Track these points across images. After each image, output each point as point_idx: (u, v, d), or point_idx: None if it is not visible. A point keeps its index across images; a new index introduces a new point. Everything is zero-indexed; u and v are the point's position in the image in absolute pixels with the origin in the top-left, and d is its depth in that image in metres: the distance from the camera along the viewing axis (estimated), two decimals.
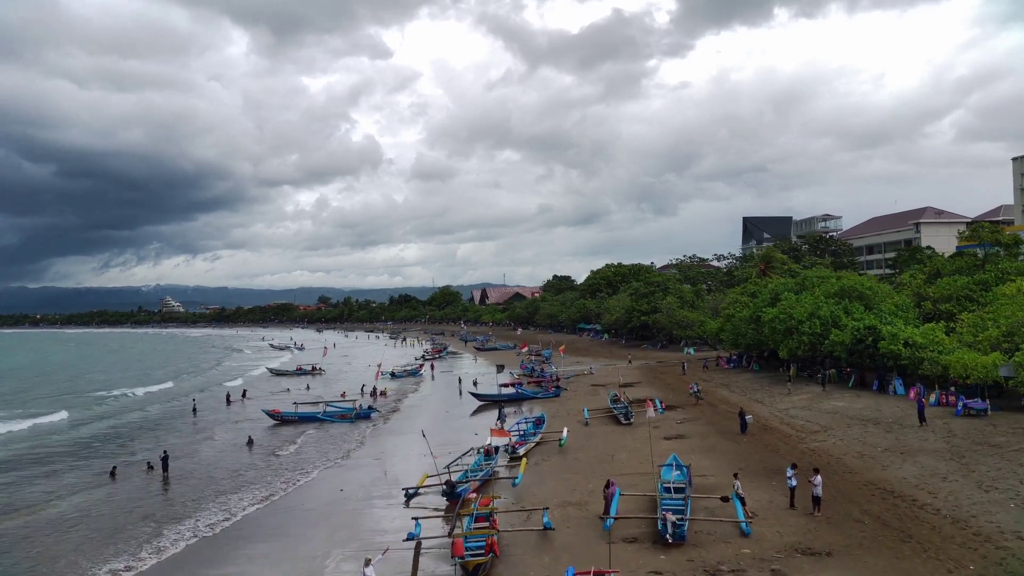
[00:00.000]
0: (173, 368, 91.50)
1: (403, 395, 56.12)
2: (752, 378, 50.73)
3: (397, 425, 42.46)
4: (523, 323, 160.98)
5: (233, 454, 34.95)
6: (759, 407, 39.04)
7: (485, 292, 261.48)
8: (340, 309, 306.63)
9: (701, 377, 54.03)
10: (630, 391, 48.57)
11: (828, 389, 41.13)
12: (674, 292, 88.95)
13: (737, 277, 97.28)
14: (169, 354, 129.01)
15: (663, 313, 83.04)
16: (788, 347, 45.51)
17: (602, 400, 45.56)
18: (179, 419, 47.26)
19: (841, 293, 47.19)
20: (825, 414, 34.70)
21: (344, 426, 42.05)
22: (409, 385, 63.87)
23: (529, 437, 32.89)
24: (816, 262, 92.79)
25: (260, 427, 42.59)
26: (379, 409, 46.16)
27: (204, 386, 68.07)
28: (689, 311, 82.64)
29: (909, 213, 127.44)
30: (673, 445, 30.29)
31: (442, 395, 56.80)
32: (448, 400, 53.08)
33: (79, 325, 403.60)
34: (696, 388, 44.63)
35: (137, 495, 27.57)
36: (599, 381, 57.00)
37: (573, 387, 53.79)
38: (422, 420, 43.86)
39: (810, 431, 31.48)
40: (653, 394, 47.90)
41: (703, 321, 78.99)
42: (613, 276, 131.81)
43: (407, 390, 59.89)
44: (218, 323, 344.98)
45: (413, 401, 53.31)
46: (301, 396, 57.17)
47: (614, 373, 62.32)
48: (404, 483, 26.66)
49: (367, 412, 44.58)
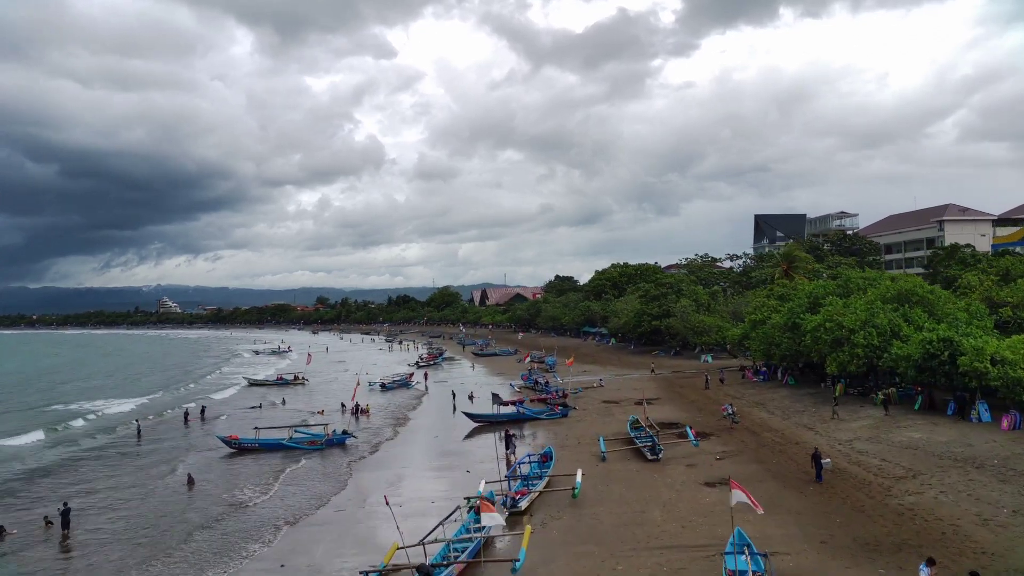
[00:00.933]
0: (161, 377, 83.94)
1: (393, 413, 49.21)
2: (789, 395, 43.88)
3: (384, 457, 35.35)
4: (524, 326, 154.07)
5: (167, 500, 28.09)
6: (811, 436, 32.20)
7: (485, 293, 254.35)
8: (338, 310, 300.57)
9: (729, 393, 47.18)
10: (650, 409, 41.80)
11: (892, 413, 34.23)
12: (688, 294, 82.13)
13: (755, 278, 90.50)
14: (160, 359, 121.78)
15: (677, 317, 76.22)
16: (838, 361, 38.62)
17: (618, 423, 38.72)
18: (124, 447, 40.29)
19: (899, 298, 40.32)
20: (903, 450, 27.85)
21: (314, 456, 35.23)
22: (400, 399, 57.01)
23: (533, 483, 25.98)
24: (840, 261, 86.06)
25: (212, 457, 35.78)
26: (355, 434, 39.04)
27: (190, 397, 61.20)
28: (705, 315, 75.84)
29: (931, 211, 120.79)
30: (720, 496, 23.47)
31: (437, 411, 49.95)
32: (440, 420, 46.19)
33: (76, 326, 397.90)
34: (731, 410, 37.82)
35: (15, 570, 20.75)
36: (611, 396, 50.14)
37: (582, 403, 46.95)
38: (411, 447, 37.21)
39: (894, 476, 24.62)
40: (677, 414, 41.13)
41: (721, 326, 72.21)
42: (619, 277, 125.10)
43: (399, 405, 53.02)
44: (215, 324, 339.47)
45: (404, 420, 46.37)
46: (273, 414, 50.43)
47: (627, 386, 55.50)
48: (381, 544, 19.89)
49: (341, 438, 37.66)
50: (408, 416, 47.81)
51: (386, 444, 38.19)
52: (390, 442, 38.87)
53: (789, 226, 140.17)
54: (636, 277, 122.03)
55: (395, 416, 47.59)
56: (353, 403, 48.04)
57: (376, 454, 35.86)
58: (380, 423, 44.63)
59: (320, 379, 75.62)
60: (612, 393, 51.68)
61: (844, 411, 36.09)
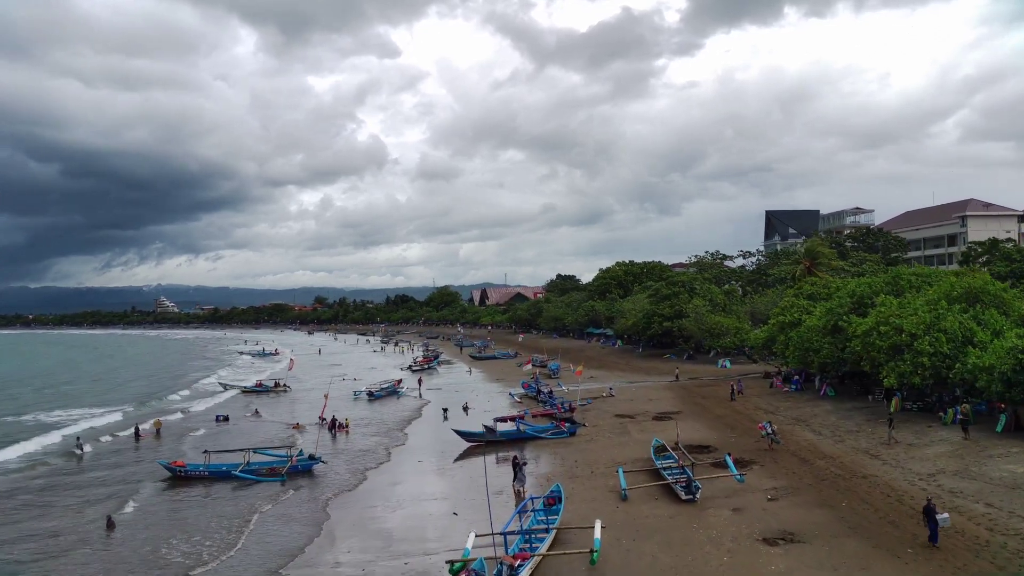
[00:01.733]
0: (144, 383, 76.97)
1: (380, 429, 43.19)
2: (833, 410, 37.88)
3: (375, 488, 29.12)
4: (525, 326, 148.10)
5: (77, 553, 22.11)
6: (879, 467, 26.21)
7: (485, 292, 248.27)
8: (335, 310, 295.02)
9: (760, 406, 41.24)
10: (670, 428, 35.90)
11: (971, 436, 28.23)
12: (702, 293, 76.13)
13: (773, 276, 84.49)
14: (147, 363, 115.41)
15: (691, 318, 70.21)
16: (897, 372, 32.59)
17: (637, 445, 32.74)
18: (66, 474, 34.12)
19: (967, 297, 34.32)
20: (1009, 490, 21.87)
21: (274, 487, 29.29)
22: (389, 411, 51.02)
23: (538, 537, 19.97)
24: (864, 258, 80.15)
25: (152, 491, 29.77)
26: (325, 459, 32.78)
27: (168, 408, 55.20)
28: (722, 316, 69.84)
29: (951, 206, 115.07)
30: (789, 560, 17.51)
31: (433, 426, 43.94)
32: (435, 438, 40.06)
33: (71, 326, 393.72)
34: (770, 429, 31.87)
35: None
36: (625, 408, 44.14)
37: (591, 417, 41.00)
38: (409, 475, 31.19)
39: (1014, 530, 18.62)
40: (704, 433, 35.17)
41: (740, 328, 66.25)
42: (624, 275, 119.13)
43: (388, 418, 47.01)
44: (211, 324, 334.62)
45: (397, 439, 40.31)
46: (242, 429, 44.48)
47: (641, 395, 49.53)
48: None
49: (307, 464, 31.61)
50: (402, 433, 41.63)
51: (374, 472, 31.90)
52: (382, 468, 32.65)
53: (802, 223, 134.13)
54: (642, 276, 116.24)
55: (384, 432, 41.52)
56: (323, 418, 42.00)
57: (365, 484, 29.77)
58: (367, 443, 38.28)
59: (306, 386, 69.68)
60: (625, 405, 45.68)
61: (905, 432, 30.13)
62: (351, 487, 29.19)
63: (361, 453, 35.61)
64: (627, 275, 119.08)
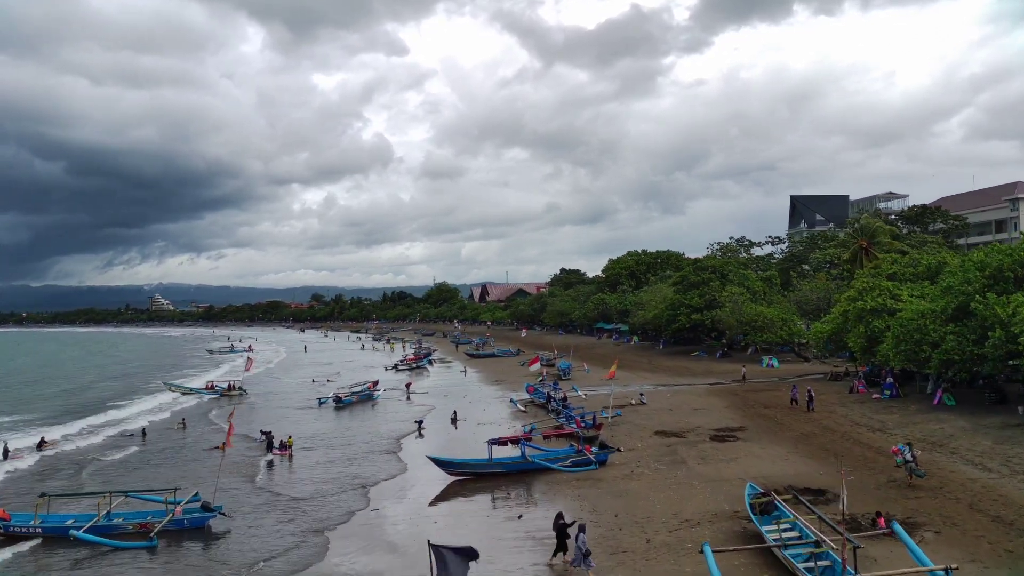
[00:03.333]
0: (119, 384, 65.66)
1: (347, 452, 32.11)
2: (971, 426, 26.73)
3: None
4: (528, 323, 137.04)
5: None
6: None
7: (486, 289, 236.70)
8: (331, 307, 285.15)
9: (851, 418, 30.19)
10: (742, 452, 25.00)
11: None
12: (736, 280, 65.04)
13: (816, 261, 73.43)
14: (115, 364, 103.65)
15: (726, 309, 59.13)
16: None
17: (707, 486, 21.65)
18: None
19: None
20: None
21: (140, 557, 18.32)
22: (360, 423, 40.05)
23: None
24: (925, 240, 69.03)
25: None
26: (226, 512, 21.03)
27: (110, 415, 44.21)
28: (763, 306, 58.77)
29: (998, 189, 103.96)
30: None
31: (424, 447, 32.83)
32: (430, 464, 28.77)
33: (65, 324, 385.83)
34: (909, 455, 20.82)
35: None
36: (665, 421, 33.01)
37: (623, 434, 29.88)
38: (374, 533, 19.88)
39: None
40: (795, 460, 24.13)
41: (787, 320, 55.21)
42: (635, 266, 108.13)
43: (359, 434, 36.02)
44: (205, 322, 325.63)
45: (357, 466, 29.06)
46: (145, 457, 33.35)
47: (682, 403, 38.40)
48: None
49: (198, 519, 20.40)
50: (381, 457, 30.30)
51: (330, 536, 19.88)
52: (340, 529, 20.67)
53: (830, 208, 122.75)
54: (656, 266, 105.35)
55: (351, 457, 29.99)
56: (273, 437, 30.95)
57: (299, 552, 18.60)
58: (321, 477, 26.65)
59: (271, 388, 58.75)
60: (665, 416, 34.51)
61: None
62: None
63: (312, 498, 23.91)
64: (639, 265, 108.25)
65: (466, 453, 27.00)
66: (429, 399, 48.20)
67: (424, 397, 48.98)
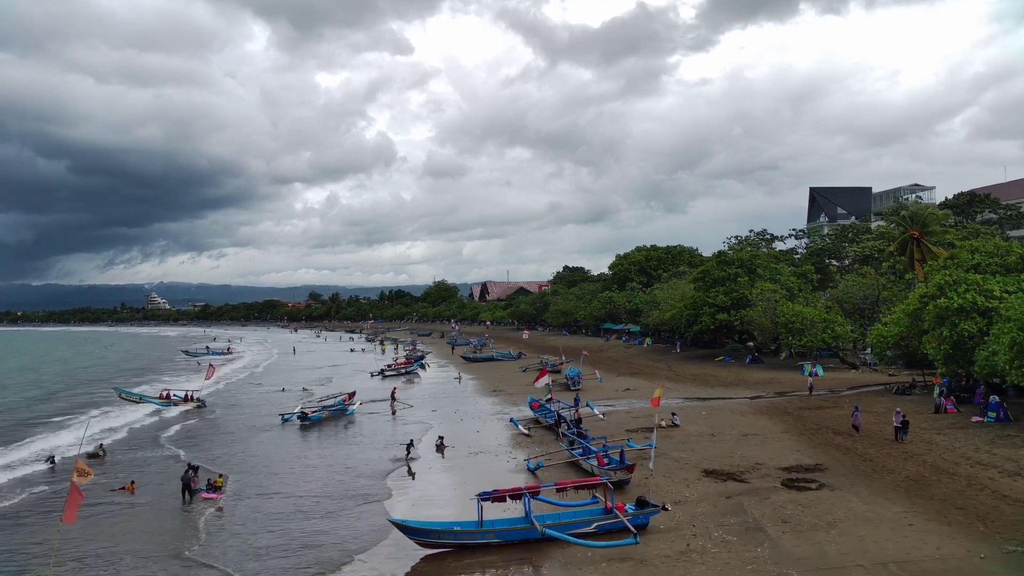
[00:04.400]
0: (82, 394, 56.53)
1: (304, 500, 24.61)
2: None
3: None
4: (530, 323, 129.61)
5: None
6: None
7: (486, 287, 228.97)
8: (327, 306, 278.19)
9: (964, 453, 22.70)
10: (838, 509, 17.68)
11: None
12: (767, 275, 57.52)
13: (854, 254, 65.96)
14: (80, 369, 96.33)
15: (759, 308, 51.64)
16: None
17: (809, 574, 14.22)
18: None
19: None
20: None
21: None
22: (334, 450, 32.65)
23: None
24: (979, 230, 61.54)
25: None
26: None
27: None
28: (800, 305, 51.27)
29: None
30: None
31: (415, 493, 25.34)
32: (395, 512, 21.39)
33: (59, 323, 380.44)
34: None
35: None
36: (712, 454, 25.49)
37: (661, 473, 22.32)
38: None
39: None
40: (909, 524, 16.60)
41: (830, 321, 47.76)
42: (645, 262, 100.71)
43: (324, 472, 28.56)
44: (200, 321, 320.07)
45: (317, 526, 21.61)
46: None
47: (724, 423, 30.88)
48: None
49: None
50: (353, 513, 22.77)
51: None
52: None
53: (852, 201, 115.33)
54: (667, 262, 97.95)
55: (308, 512, 22.25)
56: (199, 481, 23.49)
57: None
58: (265, 547, 18.88)
59: (243, 398, 51.41)
60: (706, 444, 26.98)
61: None
62: None
63: None
64: (649, 261, 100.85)
65: (452, 499, 19.55)
66: (418, 411, 40.82)
67: (411, 411, 41.57)
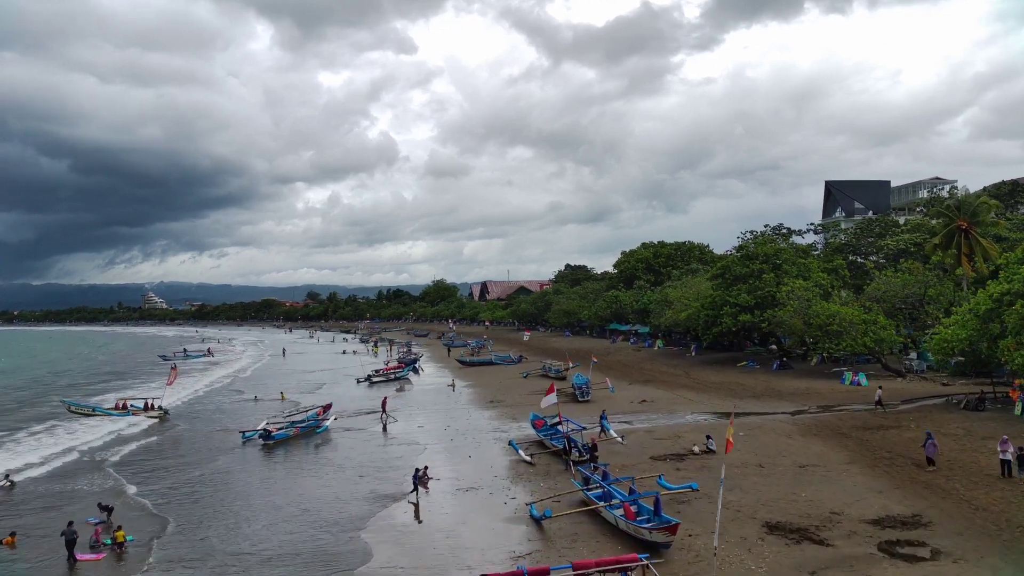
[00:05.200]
0: (45, 406, 51.26)
1: (249, 560, 19.06)
2: None
3: None
4: (531, 323, 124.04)
5: None
6: None
7: (486, 286, 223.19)
8: (324, 306, 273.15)
9: None
10: None
11: None
12: (795, 272, 51.88)
13: (888, 248, 60.34)
14: (59, 374, 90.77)
15: (790, 308, 46.00)
16: None
17: None
18: None
19: None
20: None
21: None
22: (296, 476, 27.13)
23: None
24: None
25: None
26: None
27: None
28: (836, 304, 45.64)
29: None
30: None
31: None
32: None
33: (55, 322, 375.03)
34: None
35: None
36: (764, 498, 19.97)
37: (702, 523, 16.78)
38: None
39: None
40: None
41: (870, 322, 42.11)
42: (653, 259, 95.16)
43: (278, 519, 23.05)
44: (196, 321, 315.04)
45: None
46: None
47: (765, 448, 25.25)
48: None
49: None
50: None
51: None
52: None
53: (870, 195, 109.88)
54: (676, 259, 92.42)
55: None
56: None
57: None
58: None
59: (218, 406, 45.94)
60: (757, 482, 21.41)
61: None
62: None
63: None
64: (657, 258, 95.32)
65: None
66: (411, 428, 35.21)
67: (397, 426, 36.03)
